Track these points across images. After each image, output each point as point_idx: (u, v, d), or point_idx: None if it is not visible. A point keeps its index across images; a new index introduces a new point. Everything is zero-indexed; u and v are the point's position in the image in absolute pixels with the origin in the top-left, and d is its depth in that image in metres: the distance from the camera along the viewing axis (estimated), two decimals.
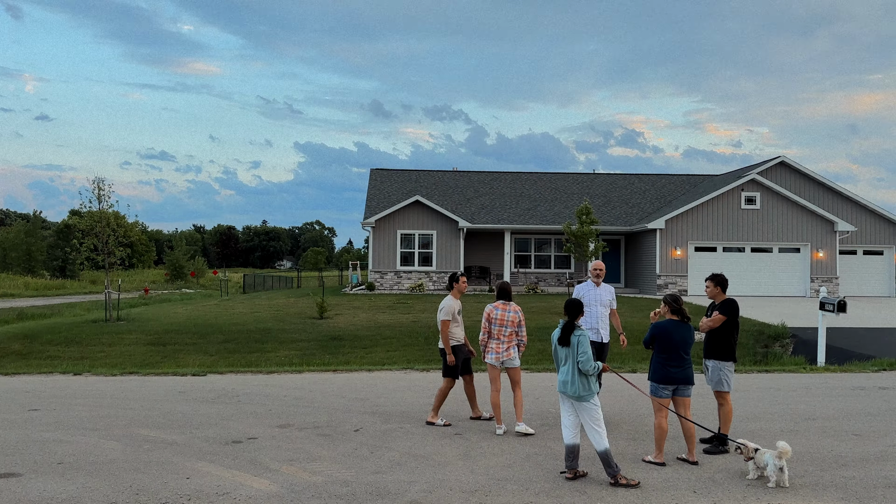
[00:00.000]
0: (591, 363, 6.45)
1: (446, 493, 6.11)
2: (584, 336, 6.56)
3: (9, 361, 16.51)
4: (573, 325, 6.65)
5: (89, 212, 23.47)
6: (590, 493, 6.11)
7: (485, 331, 8.43)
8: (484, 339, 8.47)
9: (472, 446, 7.61)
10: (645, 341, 7.29)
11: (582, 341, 6.52)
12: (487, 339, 8.42)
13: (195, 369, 13.72)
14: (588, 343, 6.56)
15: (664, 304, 7.24)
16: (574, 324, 6.67)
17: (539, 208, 34.96)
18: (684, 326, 7.12)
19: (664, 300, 7.28)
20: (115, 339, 19.05)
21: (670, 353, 7.02)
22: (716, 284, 7.85)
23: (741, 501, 5.93)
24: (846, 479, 6.52)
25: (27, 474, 6.59)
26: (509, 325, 8.34)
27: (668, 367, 7.02)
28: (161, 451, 7.41)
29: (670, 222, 30.11)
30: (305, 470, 6.74)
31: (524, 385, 11.55)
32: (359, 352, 17.39)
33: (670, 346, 7.03)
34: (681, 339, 7.04)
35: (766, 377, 12.55)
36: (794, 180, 32.08)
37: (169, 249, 73.15)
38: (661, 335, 7.09)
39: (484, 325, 8.43)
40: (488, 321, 8.39)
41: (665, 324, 7.14)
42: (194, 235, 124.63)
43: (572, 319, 6.69)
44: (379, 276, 32.73)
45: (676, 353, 7.02)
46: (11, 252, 61.89)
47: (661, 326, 7.14)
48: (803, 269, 30.14)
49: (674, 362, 7.01)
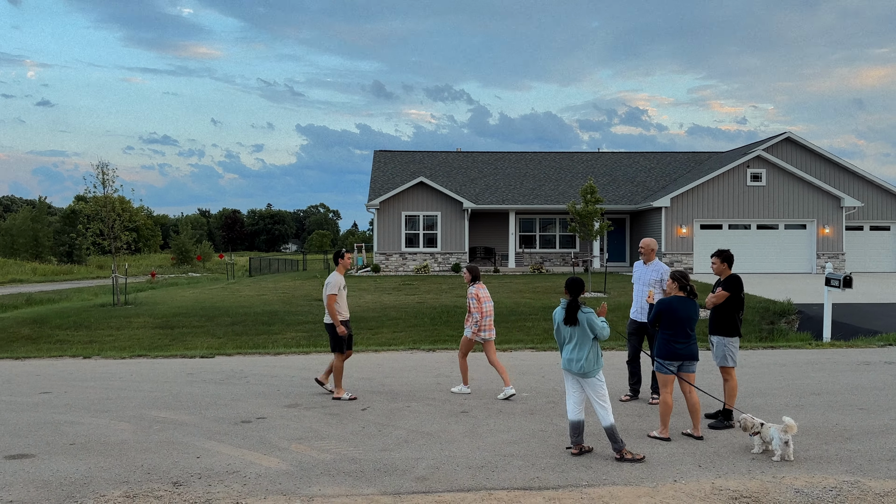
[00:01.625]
0: (605, 331, 6.52)
1: (453, 469, 6.18)
2: (590, 313, 6.57)
3: (19, 346, 16.67)
4: (577, 304, 6.65)
5: (94, 197, 23.54)
6: (595, 468, 6.17)
7: (477, 310, 9.08)
8: (475, 319, 9.10)
9: (479, 424, 7.68)
10: (650, 321, 7.31)
11: (591, 318, 6.54)
12: (481, 318, 9.10)
13: (203, 351, 13.82)
14: (594, 315, 6.57)
15: (672, 280, 7.25)
16: (577, 302, 6.67)
17: (543, 188, 34.87)
18: (689, 302, 7.13)
19: (672, 276, 7.29)
20: (124, 322, 19.19)
21: (675, 330, 7.05)
22: (722, 261, 7.85)
23: (746, 475, 5.99)
24: (851, 453, 6.56)
25: (40, 455, 6.68)
26: (488, 302, 9.22)
27: (672, 344, 7.05)
28: (171, 431, 7.50)
29: (676, 200, 30.01)
30: (314, 448, 6.82)
31: (530, 364, 11.61)
32: (365, 333, 17.48)
33: (675, 322, 7.05)
34: (686, 315, 7.06)
35: (772, 353, 12.57)
36: (800, 156, 31.88)
37: (175, 234, 73.29)
38: (665, 311, 7.12)
39: (476, 305, 9.09)
40: (477, 300, 9.09)
41: (670, 300, 7.16)
42: (200, 219, 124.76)
43: (575, 297, 6.69)
44: (384, 257, 32.79)
45: (682, 330, 7.04)
46: (19, 238, 62.13)
47: (665, 303, 7.16)
48: (809, 245, 30.05)
49: (679, 338, 7.04)
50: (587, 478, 5.94)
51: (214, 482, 5.88)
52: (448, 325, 18.02)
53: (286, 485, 5.81)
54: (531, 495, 5.53)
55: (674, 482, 5.82)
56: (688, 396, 7.12)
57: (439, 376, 10.52)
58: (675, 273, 7.32)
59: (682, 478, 5.93)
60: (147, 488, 5.74)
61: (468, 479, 5.91)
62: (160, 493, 5.63)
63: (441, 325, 18.09)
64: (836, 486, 5.67)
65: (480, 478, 5.95)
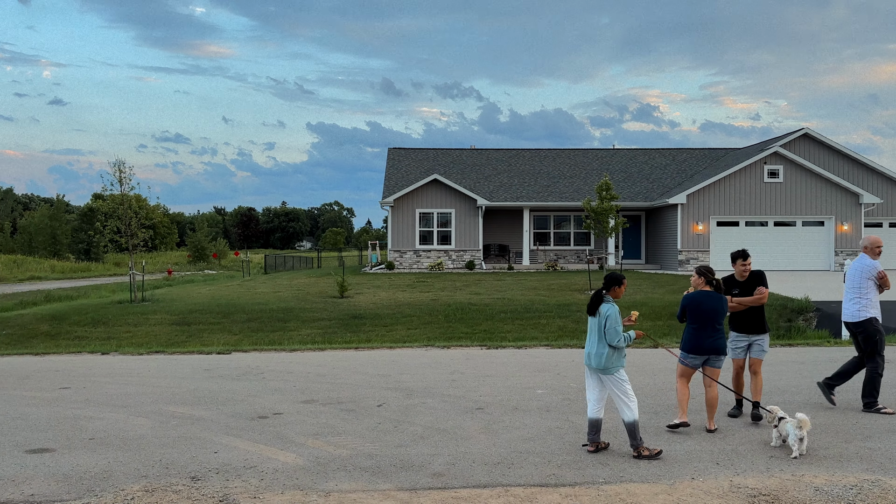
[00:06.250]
0: (617, 336, 6.31)
1: (469, 465, 6.17)
2: (612, 307, 6.41)
3: (38, 342, 16.86)
4: (601, 295, 6.55)
5: (111, 195, 23.73)
6: (612, 466, 6.14)
7: None
8: None
9: (494, 420, 7.67)
10: (678, 316, 7.39)
11: (610, 313, 6.36)
12: None
13: (220, 348, 13.92)
14: (616, 315, 6.36)
15: (699, 276, 7.28)
16: (602, 293, 6.54)
17: (558, 185, 34.75)
18: (715, 297, 7.14)
19: (698, 271, 7.34)
20: (141, 319, 19.35)
21: (702, 323, 7.08)
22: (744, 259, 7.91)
23: (765, 472, 5.93)
24: (871, 451, 6.49)
25: (60, 449, 6.75)
26: None
27: (698, 337, 7.06)
28: (189, 426, 7.55)
29: (692, 197, 29.80)
30: (330, 444, 6.84)
31: (545, 361, 11.57)
32: (380, 330, 17.51)
33: (701, 316, 7.06)
34: (710, 308, 7.07)
35: (790, 351, 12.46)
36: (818, 152, 31.54)
37: (191, 231, 73.74)
38: (690, 306, 7.14)
39: None
40: None
41: (694, 295, 7.18)
42: (215, 217, 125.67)
43: (603, 289, 6.57)
44: (398, 255, 32.83)
45: (708, 323, 7.07)
46: (37, 236, 62.82)
47: (690, 297, 7.21)
48: (827, 242, 29.73)
49: (706, 332, 7.06)
50: (604, 475, 5.91)
51: (232, 477, 5.91)
52: (462, 323, 18.01)
53: (303, 480, 5.84)
54: (548, 492, 5.52)
55: (691, 480, 5.78)
56: (707, 390, 7.11)
57: (454, 373, 10.52)
58: (700, 268, 7.36)
59: (699, 475, 5.89)
60: (165, 482, 5.78)
61: (484, 476, 5.90)
62: (178, 487, 5.67)
63: (456, 323, 18.08)
64: (857, 484, 5.60)
65: (496, 474, 5.94)
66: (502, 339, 15.51)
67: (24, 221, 67.70)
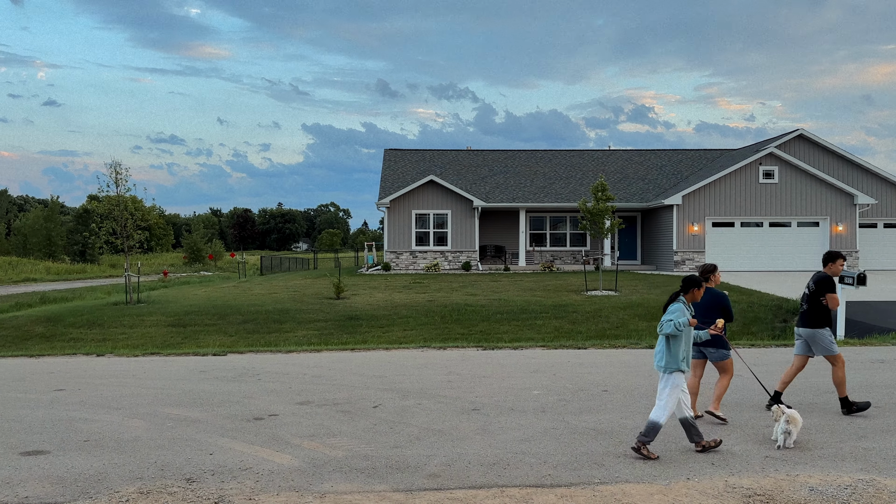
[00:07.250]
0: (666, 325, 6.39)
1: (465, 466, 6.17)
2: (677, 305, 6.50)
3: (33, 344, 16.81)
4: (675, 295, 6.64)
5: (107, 196, 23.70)
6: (608, 466, 6.15)
7: None
8: None
9: (490, 421, 7.67)
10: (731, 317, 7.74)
11: (673, 308, 6.48)
12: None
13: (215, 349, 13.89)
14: (680, 312, 6.42)
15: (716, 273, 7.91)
16: (677, 294, 6.64)
17: (554, 186, 34.79)
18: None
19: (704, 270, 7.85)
20: (136, 320, 19.31)
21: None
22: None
23: (759, 473, 5.95)
24: (866, 451, 6.51)
25: (55, 451, 6.74)
26: None
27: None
28: (184, 428, 7.54)
29: (687, 198, 29.87)
30: (326, 445, 6.83)
31: (541, 362, 11.58)
32: (376, 331, 17.51)
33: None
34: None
35: (785, 351, 12.47)
36: (813, 153, 31.65)
37: (187, 232, 73.65)
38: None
39: None
40: None
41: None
42: (211, 219, 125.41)
43: (679, 291, 6.67)
44: (394, 256, 32.82)
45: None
46: (32, 237, 62.65)
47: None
48: (822, 242, 29.81)
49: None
50: (600, 475, 5.92)
51: (227, 479, 5.90)
52: (459, 324, 18.02)
53: (298, 481, 5.83)
54: (544, 493, 5.52)
55: (687, 480, 5.79)
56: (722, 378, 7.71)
57: (450, 374, 10.52)
58: (708, 266, 7.93)
59: (694, 475, 5.90)
60: (160, 484, 5.77)
61: (480, 477, 5.90)
62: (174, 489, 5.66)
63: (452, 324, 18.09)
64: (851, 484, 5.62)
65: (492, 475, 5.94)
66: (498, 340, 15.52)
67: (18, 223, 67.53)
